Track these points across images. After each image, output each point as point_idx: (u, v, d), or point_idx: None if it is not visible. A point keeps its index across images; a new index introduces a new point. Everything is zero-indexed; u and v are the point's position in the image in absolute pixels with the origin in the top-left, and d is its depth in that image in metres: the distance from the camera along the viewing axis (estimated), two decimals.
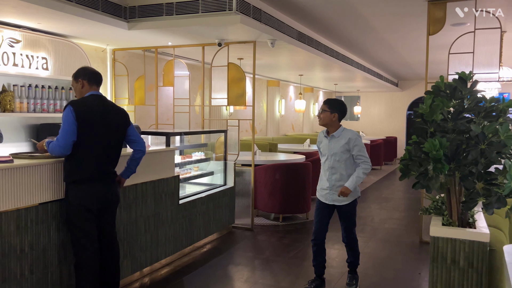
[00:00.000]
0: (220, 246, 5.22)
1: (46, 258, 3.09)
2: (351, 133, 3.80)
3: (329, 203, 3.86)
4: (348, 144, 3.74)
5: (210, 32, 5.41)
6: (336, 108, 3.81)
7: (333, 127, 3.83)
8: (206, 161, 5.58)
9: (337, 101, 3.90)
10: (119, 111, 3.35)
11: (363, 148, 3.78)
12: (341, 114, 3.83)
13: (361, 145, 3.77)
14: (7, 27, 4.78)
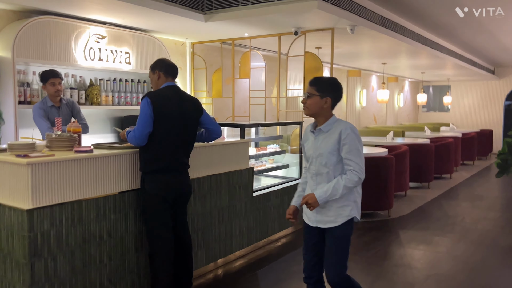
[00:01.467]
0: (295, 241, 5.08)
1: (123, 246, 3.17)
2: (343, 124, 2.65)
3: (312, 225, 2.77)
4: (338, 141, 2.62)
5: (286, 21, 5.26)
6: (327, 90, 2.67)
7: (323, 118, 2.70)
8: (281, 153, 5.46)
9: (329, 80, 2.76)
10: (193, 101, 3.36)
11: (356, 150, 2.60)
12: (335, 98, 2.69)
13: (354, 144, 2.59)
14: (93, 23, 5.04)
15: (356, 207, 2.72)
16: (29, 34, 4.40)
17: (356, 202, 2.73)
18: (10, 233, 2.68)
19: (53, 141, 3.07)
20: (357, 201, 2.74)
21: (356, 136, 2.64)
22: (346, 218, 2.67)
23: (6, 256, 2.73)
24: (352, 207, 2.69)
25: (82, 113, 4.44)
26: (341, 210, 2.66)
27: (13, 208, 2.65)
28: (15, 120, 4.34)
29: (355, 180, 2.62)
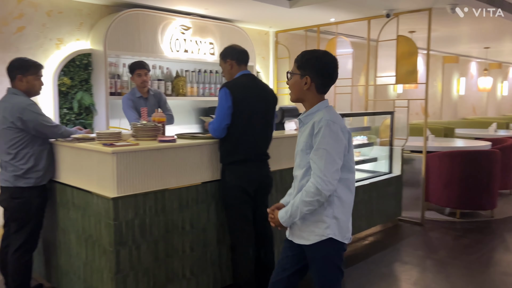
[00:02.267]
0: (385, 240, 4.73)
1: (205, 237, 3.12)
2: (320, 115, 2.06)
3: (288, 237, 2.29)
4: (311, 135, 2.07)
5: (377, 2, 4.88)
6: (307, 66, 2.10)
7: (308, 104, 2.16)
8: (369, 145, 5.11)
9: (313, 53, 2.14)
10: (270, 90, 3.21)
11: (324, 150, 2.00)
12: (318, 76, 2.09)
13: (323, 142, 2.00)
14: (179, 15, 5.08)
15: (337, 226, 2.09)
16: (119, 27, 4.54)
17: (338, 219, 2.09)
18: (97, 220, 2.74)
19: (138, 130, 3.10)
20: (340, 217, 2.09)
21: (331, 133, 2.00)
22: (319, 238, 2.09)
23: (94, 243, 2.80)
24: (330, 225, 2.07)
25: (168, 104, 4.50)
26: (314, 227, 2.10)
27: (100, 196, 2.70)
28: (107, 111, 4.52)
29: (311, 191, 2.00)
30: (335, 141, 2.02)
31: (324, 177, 1.99)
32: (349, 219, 2.19)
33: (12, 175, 3.02)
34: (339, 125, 2.05)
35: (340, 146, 2.04)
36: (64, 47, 4.58)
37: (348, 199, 2.17)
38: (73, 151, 3.00)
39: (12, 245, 3.09)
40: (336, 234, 2.10)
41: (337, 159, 2.03)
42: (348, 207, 2.17)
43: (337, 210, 2.11)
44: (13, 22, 4.22)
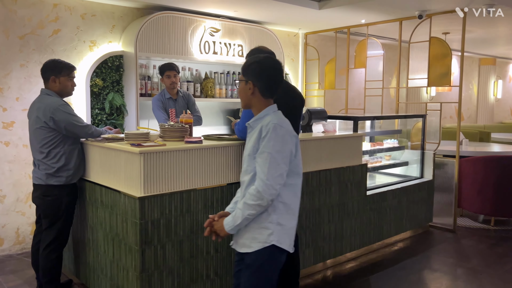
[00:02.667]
0: (414, 246, 4.61)
1: (229, 239, 3.09)
2: (268, 119, 2.06)
3: (231, 245, 2.26)
4: (258, 140, 2.05)
5: (409, 3, 4.77)
6: (250, 71, 2.11)
7: (256, 110, 2.17)
8: (400, 149, 5.00)
9: (254, 58, 2.15)
10: (298, 92, 3.17)
11: (268, 154, 1.97)
12: (260, 81, 2.10)
13: (269, 146, 1.98)
14: (208, 17, 5.12)
15: (282, 232, 2.04)
16: (150, 30, 4.62)
17: (282, 226, 2.04)
18: (124, 219, 2.79)
19: (165, 131, 3.13)
20: (284, 224, 2.05)
21: (277, 137, 1.97)
22: (261, 245, 2.02)
23: (121, 241, 2.85)
24: (274, 231, 2.02)
25: (197, 105, 4.54)
26: (257, 233, 2.04)
27: (127, 195, 2.74)
28: (137, 112, 4.60)
29: (253, 193, 1.96)
30: (281, 145, 2.00)
31: (267, 181, 1.96)
32: (294, 226, 2.12)
33: (44, 173, 3.11)
34: (286, 129, 2.04)
35: (285, 151, 2.01)
36: (97, 49, 4.69)
37: (294, 205, 2.11)
38: (102, 151, 3.06)
39: (43, 241, 3.19)
40: (277, 240, 2.04)
41: (282, 163, 1.99)
42: (293, 213, 2.11)
43: (281, 216, 2.06)
44: (49, 25, 4.36)
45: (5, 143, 4.18)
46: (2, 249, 4.22)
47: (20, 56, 4.21)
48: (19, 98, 4.23)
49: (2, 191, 4.19)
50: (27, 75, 4.26)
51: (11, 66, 4.17)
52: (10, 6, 4.13)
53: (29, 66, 4.27)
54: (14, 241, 4.29)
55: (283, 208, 2.07)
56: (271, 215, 2.05)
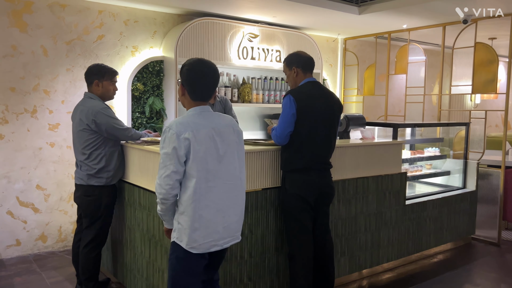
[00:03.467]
0: (455, 258, 4.43)
1: (264, 244, 3.11)
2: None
3: None
4: None
5: (453, 7, 4.62)
6: (182, 75, 2.26)
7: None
8: (441, 158, 4.83)
9: (186, 61, 2.28)
10: (336, 98, 3.12)
11: (160, 155, 2.20)
12: (187, 85, 2.23)
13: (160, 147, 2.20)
14: (247, 23, 5.16)
15: (180, 231, 2.16)
16: (190, 36, 4.70)
17: (181, 225, 2.15)
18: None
19: None
20: (181, 223, 2.15)
21: (166, 139, 2.11)
22: (172, 239, 2.22)
23: (157, 242, 2.90)
24: (175, 229, 2.20)
25: (233, 110, 4.57)
26: (174, 228, 2.24)
27: None
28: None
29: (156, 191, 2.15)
30: (168, 147, 2.09)
31: (158, 181, 2.12)
32: (197, 229, 2.14)
33: (86, 174, 3.21)
34: (175, 131, 2.09)
35: (172, 152, 2.08)
36: (139, 54, 4.82)
37: (189, 207, 2.12)
38: (141, 153, 3.13)
39: (83, 240, 3.29)
40: (180, 239, 2.16)
41: (169, 164, 2.08)
42: (188, 215, 2.13)
43: (180, 216, 2.16)
44: (94, 31, 4.52)
45: (51, 144, 4.36)
46: (45, 246, 4.40)
47: (66, 61, 4.39)
48: (64, 101, 4.40)
49: (46, 190, 4.37)
50: (73, 79, 4.43)
51: (58, 70, 4.35)
52: (59, 13, 4.31)
53: (75, 70, 4.44)
54: (56, 239, 4.45)
55: (180, 208, 2.17)
56: (176, 214, 2.20)
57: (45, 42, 4.27)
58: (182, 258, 2.18)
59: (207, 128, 2.16)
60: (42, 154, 4.32)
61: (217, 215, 2.19)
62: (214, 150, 2.16)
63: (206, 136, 2.15)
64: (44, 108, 4.31)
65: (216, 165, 2.17)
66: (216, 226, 2.19)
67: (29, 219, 4.30)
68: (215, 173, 2.17)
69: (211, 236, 2.18)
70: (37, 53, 4.23)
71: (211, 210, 2.17)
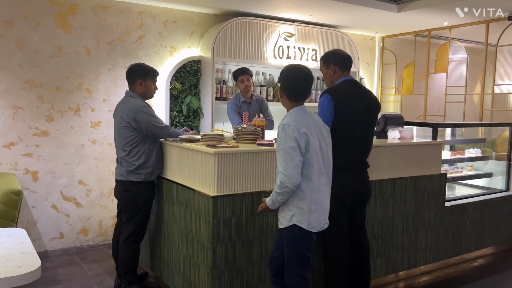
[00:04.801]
0: (497, 263, 4.28)
1: None
2: (284, 120, 2.51)
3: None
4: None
5: (497, 3, 4.46)
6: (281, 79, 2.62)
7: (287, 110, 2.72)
8: (483, 159, 4.67)
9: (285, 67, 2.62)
10: (373, 97, 3.08)
11: (282, 150, 2.39)
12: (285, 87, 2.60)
13: (279, 143, 2.42)
14: (283, 22, 5.17)
15: (300, 214, 2.44)
16: (226, 35, 4.76)
17: (301, 209, 2.44)
18: (198, 216, 2.89)
19: (238, 133, 3.20)
20: (302, 207, 2.44)
21: (286, 135, 2.37)
22: (287, 223, 2.48)
23: (194, 238, 2.96)
24: (295, 214, 2.45)
25: (269, 109, 4.59)
26: (285, 214, 2.50)
27: (201, 193, 2.84)
28: (212, 114, 4.75)
29: (278, 184, 2.39)
30: (289, 141, 2.36)
31: (286, 173, 2.35)
32: (313, 210, 2.45)
33: (126, 170, 3.31)
34: (295, 127, 2.38)
35: (291, 146, 2.35)
36: (177, 54, 4.93)
37: (310, 192, 2.43)
38: (179, 151, 3.20)
39: (123, 234, 3.39)
40: (298, 221, 2.44)
41: (295, 156, 2.36)
42: (309, 199, 2.43)
43: (300, 202, 2.44)
44: (134, 32, 4.66)
45: (92, 141, 4.52)
46: (86, 240, 4.57)
47: (107, 61, 4.54)
48: (105, 99, 4.55)
49: (88, 186, 4.54)
50: (114, 78, 4.58)
51: (100, 70, 4.51)
52: (101, 15, 4.47)
53: (116, 69, 4.58)
54: (97, 233, 4.61)
55: (300, 194, 2.44)
56: (292, 200, 2.45)
57: (88, 43, 4.43)
58: (302, 238, 2.47)
59: (313, 124, 2.49)
60: (84, 151, 4.49)
61: (325, 198, 2.53)
62: (319, 142, 2.49)
63: (315, 130, 2.47)
64: (87, 107, 4.48)
65: (321, 155, 2.50)
66: (325, 207, 2.54)
67: (72, 213, 4.47)
68: (321, 162, 2.50)
69: (322, 216, 2.52)
70: (80, 53, 4.40)
71: (321, 194, 2.49)
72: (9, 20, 4.06)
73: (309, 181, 2.44)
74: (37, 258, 1.97)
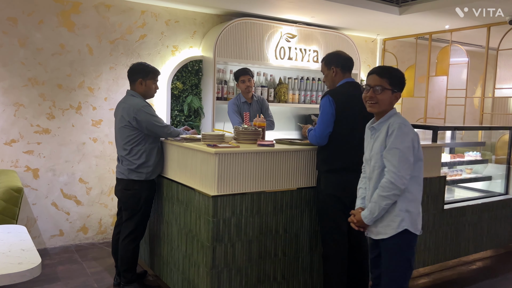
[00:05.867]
0: (495, 266, 4.29)
1: (298, 243, 3.13)
2: (393, 119, 2.35)
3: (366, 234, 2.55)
4: (385, 138, 2.34)
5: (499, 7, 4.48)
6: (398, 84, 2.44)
7: (384, 114, 2.43)
8: (483, 163, 4.68)
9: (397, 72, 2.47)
10: None
11: (396, 150, 2.25)
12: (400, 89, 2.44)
13: (396, 142, 2.27)
14: (285, 23, 5.18)
15: (410, 218, 2.30)
16: (228, 36, 4.78)
17: (410, 212, 2.31)
18: (198, 216, 2.91)
19: (239, 133, 3.22)
20: (411, 210, 2.31)
21: (403, 134, 2.26)
22: (395, 231, 2.31)
23: (194, 237, 2.97)
24: (404, 218, 2.30)
25: (270, 110, 4.61)
26: (390, 221, 2.33)
27: (202, 193, 2.85)
28: (213, 114, 4.77)
29: (386, 185, 2.26)
30: (407, 142, 2.26)
31: (399, 174, 2.24)
32: (420, 212, 2.37)
33: (127, 169, 3.32)
34: (409, 127, 2.31)
35: (410, 148, 2.27)
36: (179, 53, 4.94)
37: (418, 193, 2.37)
38: (180, 150, 3.22)
39: (123, 232, 3.40)
40: (409, 225, 2.30)
41: (409, 156, 2.26)
42: (418, 201, 2.36)
43: (409, 204, 2.32)
44: (136, 31, 4.67)
45: (93, 139, 4.54)
46: (86, 237, 4.58)
47: (109, 59, 4.56)
48: (107, 98, 4.57)
49: (88, 184, 4.55)
50: (115, 77, 4.59)
51: (102, 69, 4.53)
52: (104, 13, 4.48)
53: (117, 68, 4.60)
54: (97, 231, 4.63)
55: (409, 196, 2.32)
56: (400, 203, 2.31)
57: (91, 41, 4.44)
58: (412, 243, 2.35)
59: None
60: (85, 149, 4.50)
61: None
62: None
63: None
64: (88, 105, 4.49)
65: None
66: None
67: (72, 211, 4.49)
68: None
69: (421, 215, 2.41)
70: (83, 52, 4.42)
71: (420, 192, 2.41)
72: (13, 18, 4.08)
73: (418, 183, 2.36)
74: (37, 255, 1.98)
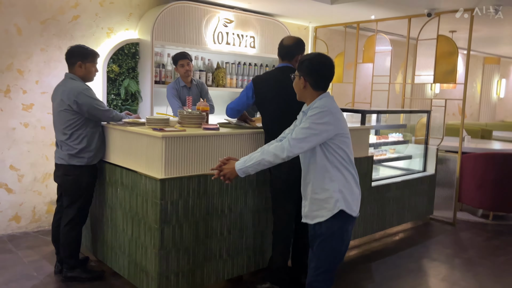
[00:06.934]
0: (415, 236, 4.79)
1: (242, 222, 3.29)
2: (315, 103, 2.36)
3: (303, 220, 2.52)
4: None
5: (418, 1, 4.89)
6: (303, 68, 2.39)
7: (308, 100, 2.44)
8: (404, 143, 5.15)
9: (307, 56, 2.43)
10: None
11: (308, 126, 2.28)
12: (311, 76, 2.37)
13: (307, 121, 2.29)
14: (223, 8, 5.24)
15: (343, 199, 2.28)
16: (166, 19, 4.74)
17: (343, 193, 2.29)
18: (145, 199, 2.95)
19: (184, 117, 3.28)
20: (344, 191, 2.29)
21: (317, 114, 2.24)
22: (331, 213, 2.29)
23: (140, 220, 3.01)
24: (338, 199, 2.28)
25: (209, 94, 4.68)
26: (324, 203, 2.31)
27: (148, 176, 2.90)
28: (151, 98, 4.74)
29: (278, 145, 2.28)
30: (319, 121, 2.25)
31: (292, 141, 2.25)
32: (356, 193, 2.39)
33: (67, 154, 3.26)
34: (329, 111, 2.28)
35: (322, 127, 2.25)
36: (114, 36, 4.82)
37: (352, 178, 2.39)
38: (124, 134, 3.21)
39: (64, 219, 3.35)
40: (344, 206, 2.29)
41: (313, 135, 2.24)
42: (353, 184, 2.38)
43: (343, 185, 2.32)
44: (69, 11, 4.48)
45: (24, 124, 4.33)
46: (19, 226, 4.40)
47: (40, 41, 4.34)
48: (38, 81, 4.36)
49: (20, 171, 4.35)
50: (47, 59, 4.39)
51: (32, 50, 4.31)
52: None
53: (49, 50, 4.40)
54: (30, 219, 4.46)
55: (342, 178, 2.32)
56: (331, 183, 2.30)
57: (19, 21, 4.20)
58: (344, 224, 2.36)
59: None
60: (15, 135, 4.29)
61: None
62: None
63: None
64: (18, 88, 4.27)
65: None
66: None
67: (2, 199, 4.28)
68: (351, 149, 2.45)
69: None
70: (10, 32, 4.17)
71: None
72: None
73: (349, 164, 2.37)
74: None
